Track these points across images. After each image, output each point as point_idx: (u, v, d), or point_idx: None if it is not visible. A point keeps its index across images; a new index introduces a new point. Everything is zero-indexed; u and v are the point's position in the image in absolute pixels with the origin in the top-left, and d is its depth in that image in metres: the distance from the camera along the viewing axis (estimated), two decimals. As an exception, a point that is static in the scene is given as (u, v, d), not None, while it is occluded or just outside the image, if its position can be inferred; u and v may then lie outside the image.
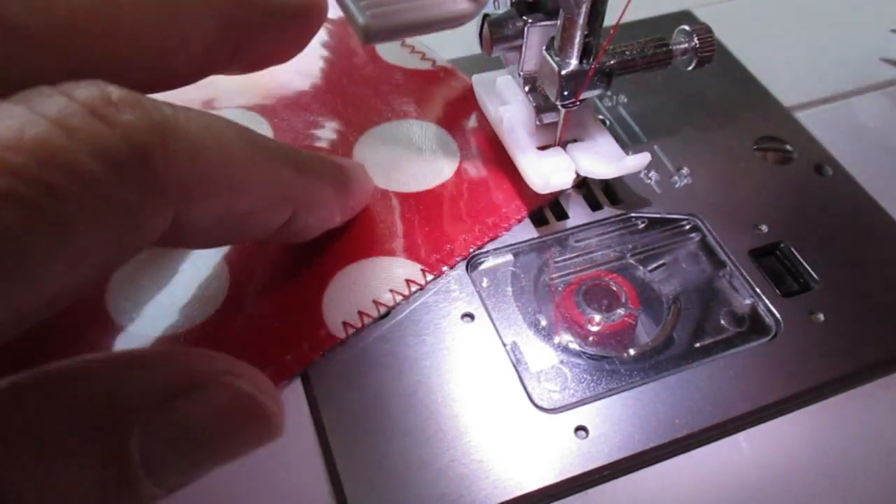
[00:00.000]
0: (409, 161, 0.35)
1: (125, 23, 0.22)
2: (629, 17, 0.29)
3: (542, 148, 0.34)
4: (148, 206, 0.19)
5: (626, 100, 0.40)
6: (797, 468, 0.27)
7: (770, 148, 0.38)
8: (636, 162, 0.33)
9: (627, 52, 0.32)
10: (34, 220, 0.16)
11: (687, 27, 0.33)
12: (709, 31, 0.32)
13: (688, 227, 0.35)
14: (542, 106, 0.33)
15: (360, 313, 0.29)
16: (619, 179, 0.36)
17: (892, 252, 0.34)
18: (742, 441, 0.28)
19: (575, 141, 0.35)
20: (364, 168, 0.32)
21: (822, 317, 0.31)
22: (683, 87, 0.41)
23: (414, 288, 0.30)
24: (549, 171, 0.32)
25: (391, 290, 0.30)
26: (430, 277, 0.31)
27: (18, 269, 0.16)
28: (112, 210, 0.17)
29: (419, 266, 0.31)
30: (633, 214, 0.35)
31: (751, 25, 0.47)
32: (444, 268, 0.31)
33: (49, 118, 0.17)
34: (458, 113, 0.38)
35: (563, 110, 0.32)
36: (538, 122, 0.34)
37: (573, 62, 0.30)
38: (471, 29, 0.31)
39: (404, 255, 0.31)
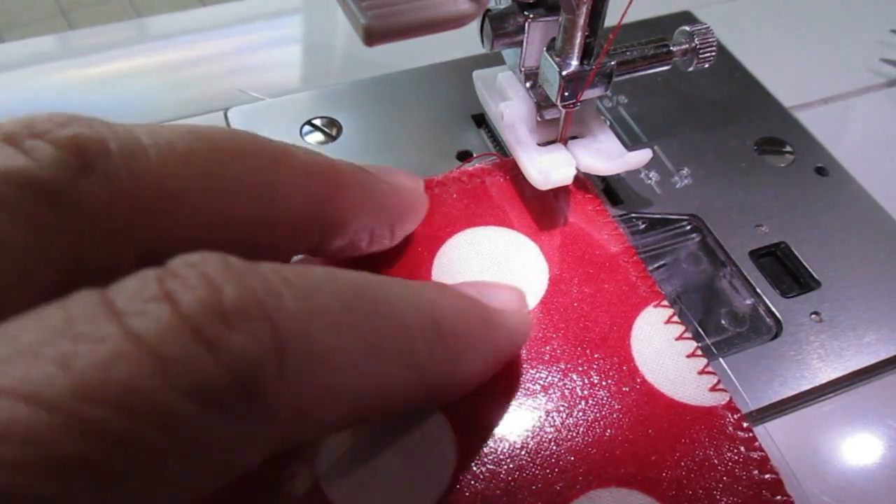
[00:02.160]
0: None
1: (226, 194, 0.21)
2: (629, 17, 0.29)
3: (544, 144, 0.34)
4: (250, 440, 0.16)
5: (626, 100, 0.40)
6: (797, 469, 0.27)
7: (770, 148, 0.38)
8: (638, 158, 0.33)
9: (628, 53, 0.32)
10: (109, 489, 0.13)
11: (687, 28, 0.33)
12: (709, 31, 0.32)
13: (688, 227, 0.35)
14: (543, 102, 0.33)
15: None
16: (619, 179, 0.36)
17: (892, 251, 0.34)
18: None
19: (576, 137, 0.35)
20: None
21: (822, 317, 0.31)
22: (684, 87, 0.41)
23: None
24: (549, 167, 0.32)
25: None
26: None
27: None
28: (204, 453, 0.15)
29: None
30: (633, 214, 0.35)
31: (751, 26, 0.47)
32: None
33: (143, 344, 0.14)
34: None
35: (564, 111, 0.32)
36: (539, 119, 0.34)
37: (574, 63, 0.30)
38: (471, 30, 0.31)
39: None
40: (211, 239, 0.20)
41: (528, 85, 0.34)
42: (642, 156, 0.33)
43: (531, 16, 0.31)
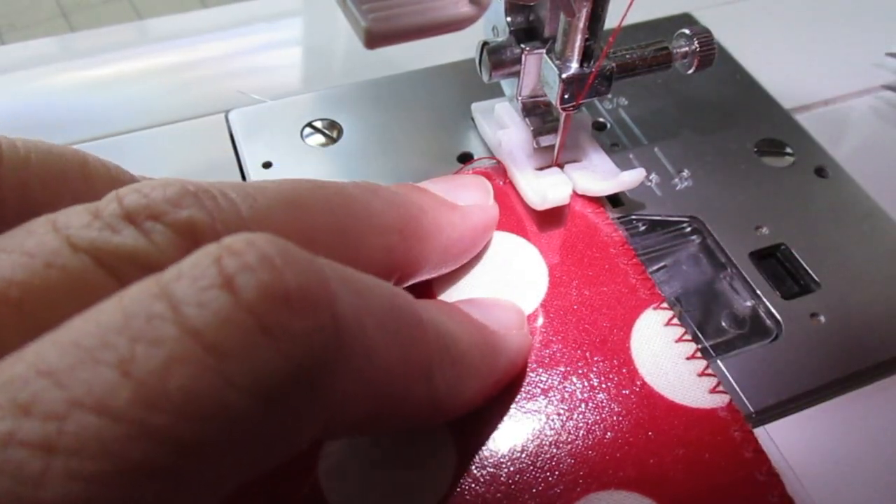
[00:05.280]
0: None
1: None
2: (629, 20, 0.29)
3: (541, 169, 0.34)
4: (299, 430, 0.16)
5: (626, 102, 0.40)
6: (797, 471, 0.27)
7: (770, 150, 0.38)
8: (631, 178, 0.33)
9: (628, 56, 0.32)
10: (171, 490, 0.14)
11: (687, 30, 0.33)
12: (709, 34, 0.33)
13: (689, 229, 0.35)
14: (539, 129, 0.34)
15: None
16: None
17: (892, 253, 0.34)
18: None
19: (573, 162, 0.35)
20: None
21: (822, 318, 0.31)
22: (684, 89, 0.41)
23: None
24: (545, 187, 0.32)
25: None
26: None
27: None
28: (259, 443, 0.15)
29: None
30: (633, 216, 0.35)
31: (751, 28, 0.47)
32: None
33: (201, 342, 0.14)
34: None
35: (562, 115, 0.32)
36: (536, 146, 0.34)
37: (574, 66, 0.30)
38: (472, 32, 0.31)
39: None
40: None
41: (524, 114, 0.34)
42: (636, 175, 0.33)
43: (528, 48, 0.32)
